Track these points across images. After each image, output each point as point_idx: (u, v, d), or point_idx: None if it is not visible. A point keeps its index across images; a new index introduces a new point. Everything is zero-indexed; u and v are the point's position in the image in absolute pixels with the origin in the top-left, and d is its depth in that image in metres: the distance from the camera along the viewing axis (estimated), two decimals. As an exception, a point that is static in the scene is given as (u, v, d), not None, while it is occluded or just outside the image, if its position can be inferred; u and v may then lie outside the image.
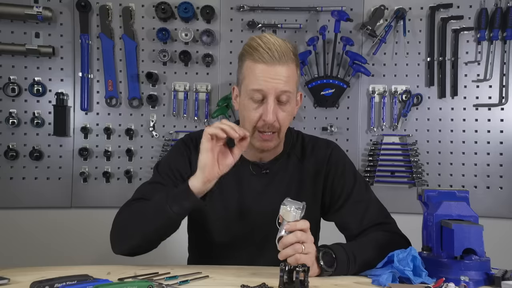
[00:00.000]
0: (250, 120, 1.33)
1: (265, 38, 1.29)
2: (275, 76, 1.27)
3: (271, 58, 1.26)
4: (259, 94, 1.29)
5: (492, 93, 2.46)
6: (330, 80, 2.48)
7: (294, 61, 1.32)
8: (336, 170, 1.47)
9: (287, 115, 1.33)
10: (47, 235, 2.50)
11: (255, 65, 1.29)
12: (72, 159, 2.51)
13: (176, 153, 1.49)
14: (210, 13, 2.50)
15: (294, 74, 1.32)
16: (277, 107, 1.30)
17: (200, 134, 1.50)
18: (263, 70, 1.28)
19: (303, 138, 1.52)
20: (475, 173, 2.46)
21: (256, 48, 1.28)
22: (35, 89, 2.48)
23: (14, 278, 1.13)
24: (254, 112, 1.31)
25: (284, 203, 1.14)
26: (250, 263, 1.34)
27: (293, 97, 1.34)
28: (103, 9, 2.50)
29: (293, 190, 1.45)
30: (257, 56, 1.28)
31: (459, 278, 1.10)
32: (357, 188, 1.45)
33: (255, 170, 1.44)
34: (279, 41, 1.29)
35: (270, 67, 1.27)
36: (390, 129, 2.51)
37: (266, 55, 1.26)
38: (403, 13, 2.45)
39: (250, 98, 1.31)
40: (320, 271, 1.19)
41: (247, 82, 1.31)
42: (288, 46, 1.30)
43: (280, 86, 1.28)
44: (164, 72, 2.54)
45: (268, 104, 1.28)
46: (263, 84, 1.28)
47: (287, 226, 1.14)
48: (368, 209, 1.42)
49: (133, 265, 1.31)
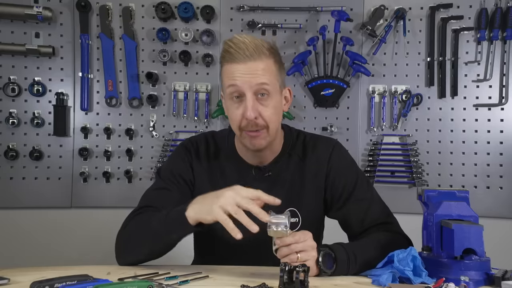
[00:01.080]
0: (234, 121, 1.33)
1: (236, 39, 1.29)
2: (248, 71, 1.27)
3: (243, 56, 1.27)
4: (236, 91, 1.29)
5: (492, 93, 2.46)
6: (330, 80, 2.48)
7: (270, 56, 1.31)
8: (337, 168, 1.46)
9: (272, 110, 1.32)
10: (47, 235, 2.50)
11: (229, 65, 1.29)
12: (72, 159, 2.51)
13: (177, 158, 1.49)
14: (210, 13, 2.50)
15: (270, 68, 1.31)
16: (257, 103, 1.29)
17: (201, 137, 1.52)
18: (236, 68, 1.28)
19: (304, 137, 1.51)
20: (475, 173, 2.46)
21: (227, 50, 1.29)
22: (35, 89, 2.48)
23: (14, 278, 1.13)
24: (236, 112, 1.31)
25: (268, 226, 1.13)
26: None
27: (273, 90, 1.32)
28: (103, 9, 2.50)
29: (295, 190, 1.44)
30: (228, 57, 1.29)
31: (459, 278, 1.10)
32: (359, 186, 1.44)
33: (257, 174, 1.44)
34: (249, 38, 1.29)
35: (242, 64, 1.27)
36: (390, 129, 2.51)
37: (237, 54, 1.27)
38: (403, 13, 2.45)
39: (230, 98, 1.31)
40: (319, 272, 1.19)
41: (224, 83, 1.32)
42: (260, 42, 1.30)
43: (254, 80, 1.27)
44: (164, 72, 2.54)
45: (247, 100, 1.28)
46: (238, 80, 1.27)
47: (277, 241, 1.16)
48: (370, 208, 1.42)
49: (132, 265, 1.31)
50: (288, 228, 1.14)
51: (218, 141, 1.50)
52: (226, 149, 1.48)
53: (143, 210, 1.37)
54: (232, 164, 1.46)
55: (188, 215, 1.19)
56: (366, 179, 1.52)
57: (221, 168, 1.46)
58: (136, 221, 1.35)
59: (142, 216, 1.34)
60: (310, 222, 1.42)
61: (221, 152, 1.48)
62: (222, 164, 1.46)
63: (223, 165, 1.46)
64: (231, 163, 1.46)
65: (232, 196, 1.14)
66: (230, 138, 1.49)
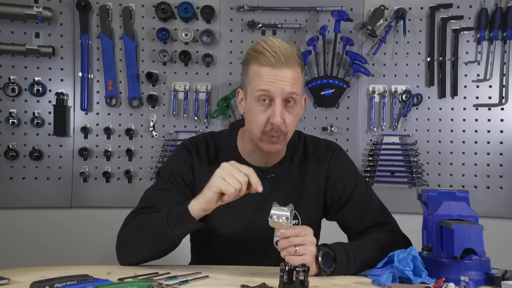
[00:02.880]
0: (257, 124, 1.32)
1: (271, 42, 1.30)
2: (282, 79, 1.28)
3: (277, 61, 1.27)
4: (266, 95, 1.29)
5: (492, 93, 2.46)
6: (330, 80, 2.48)
7: (300, 64, 1.33)
8: (337, 170, 1.47)
9: (293, 118, 1.34)
10: (47, 235, 2.50)
11: (262, 68, 1.29)
12: (72, 159, 2.51)
13: (178, 158, 1.48)
14: (210, 13, 2.50)
15: (299, 77, 1.33)
16: (283, 110, 1.31)
17: (201, 138, 1.52)
18: (269, 73, 1.28)
19: (305, 139, 1.53)
20: (475, 173, 2.46)
21: (261, 52, 1.29)
22: (35, 89, 2.48)
23: (14, 278, 1.13)
24: (261, 115, 1.31)
25: (270, 215, 1.15)
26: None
27: (299, 99, 1.34)
28: (103, 9, 2.50)
29: (296, 193, 1.45)
30: (263, 59, 1.28)
31: (459, 278, 1.10)
32: (358, 188, 1.45)
33: (260, 176, 1.44)
34: (284, 44, 1.30)
35: (276, 70, 1.28)
36: (390, 129, 2.51)
37: (272, 58, 1.27)
38: (403, 13, 2.45)
39: (257, 100, 1.31)
40: (318, 271, 1.19)
41: (254, 85, 1.31)
42: (293, 49, 1.31)
43: (287, 88, 1.28)
44: (164, 72, 2.54)
45: (275, 106, 1.29)
46: (270, 85, 1.28)
47: (278, 233, 1.17)
48: (369, 209, 1.43)
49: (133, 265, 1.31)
50: (289, 221, 1.14)
51: (218, 141, 1.50)
52: (227, 150, 1.48)
53: (143, 210, 1.37)
54: None
55: (191, 209, 1.21)
56: (365, 181, 1.54)
57: None
58: (136, 220, 1.35)
59: (143, 216, 1.35)
60: (309, 224, 1.42)
61: (221, 152, 1.48)
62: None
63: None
64: None
65: (225, 168, 1.19)
66: (231, 139, 1.49)
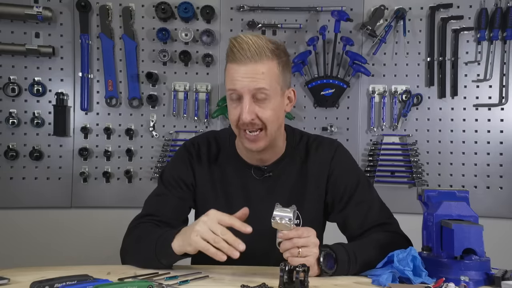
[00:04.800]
0: (232, 120, 1.34)
1: (239, 38, 1.28)
2: (247, 75, 1.27)
3: (243, 57, 1.26)
4: (234, 93, 1.29)
5: (492, 93, 2.46)
6: (330, 80, 2.48)
7: (272, 58, 1.29)
8: (339, 170, 1.46)
9: (271, 112, 1.30)
10: (47, 235, 2.50)
11: (230, 65, 1.30)
12: (72, 159, 2.51)
13: (179, 161, 1.49)
14: (210, 13, 2.50)
15: (271, 71, 1.29)
16: (254, 105, 1.28)
17: (203, 138, 1.52)
18: (236, 70, 1.28)
19: (307, 138, 1.51)
20: (475, 173, 2.46)
21: (231, 49, 1.29)
22: (35, 89, 2.48)
23: (14, 278, 1.13)
24: (234, 112, 1.32)
25: (273, 217, 1.15)
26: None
27: (273, 93, 1.30)
28: (103, 9, 2.50)
29: (296, 192, 1.44)
30: (231, 57, 1.29)
31: (459, 278, 1.10)
32: (360, 188, 1.44)
33: (257, 175, 1.44)
34: (254, 39, 1.28)
35: (242, 66, 1.27)
36: (390, 129, 2.51)
37: (238, 54, 1.26)
38: (403, 13, 2.45)
39: (230, 98, 1.32)
40: (320, 272, 1.19)
41: (226, 83, 1.33)
42: (264, 44, 1.28)
43: (252, 84, 1.26)
44: (164, 72, 2.54)
45: (243, 102, 1.28)
46: (236, 84, 1.27)
47: (280, 235, 1.16)
48: (370, 210, 1.41)
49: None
50: (292, 222, 1.14)
51: (219, 141, 1.50)
52: (227, 150, 1.48)
53: (145, 219, 1.40)
54: (232, 165, 1.46)
55: (173, 247, 1.21)
56: (368, 181, 1.52)
57: (221, 169, 1.46)
58: (138, 231, 1.36)
59: (143, 228, 1.36)
60: (311, 224, 1.41)
61: (222, 152, 1.48)
62: (222, 165, 1.46)
63: (223, 166, 1.46)
64: (232, 164, 1.46)
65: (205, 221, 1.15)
66: (231, 138, 1.48)
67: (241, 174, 1.44)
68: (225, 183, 1.45)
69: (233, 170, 1.45)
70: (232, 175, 1.45)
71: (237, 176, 1.44)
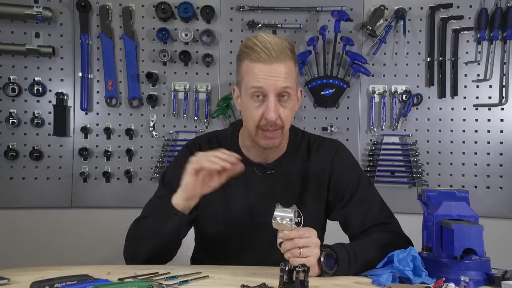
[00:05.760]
0: (252, 119, 1.34)
1: (261, 38, 1.30)
2: (274, 74, 1.29)
3: (269, 57, 1.28)
4: (260, 92, 1.30)
5: (492, 93, 2.46)
6: (330, 80, 2.48)
7: (292, 58, 1.33)
8: (340, 169, 1.47)
9: (289, 112, 1.34)
10: (47, 235, 2.50)
11: (253, 64, 1.30)
12: (72, 159, 2.51)
13: (180, 162, 1.49)
14: (210, 13, 2.50)
15: (292, 71, 1.33)
16: (278, 104, 1.31)
17: (203, 137, 1.54)
18: (261, 68, 1.29)
19: (309, 137, 1.53)
20: (475, 173, 2.46)
21: (252, 47, 1.29)
22: (35, 89, 2.48)
23: (14, 278, 1.13)
24: (256, 111, 1.32)
25: (274, 217, 1.15)
26: (258, 264, 1.33)
27: (293, 93, 1.35)
28: (103, 9, 2.50)
29: (298, 190, 1.45)
30: (254, 55, 1.29)
31: (459, 278, 1.10)
32: (361, 187, 1.45)
33: (260, 172, 1.45)
34: (275, 39, 1.31)
35: (268, 65, 1.29)
36: (390, 129, 2.51)
37: (263, 54, 1.28)
38: (403, 13, 2.45)
39: (252, 97, 1.32)
40: (321, 272, 1.19)
41: (247, 81, 1.32)
42: (285, 43, 1.32)
43: (279, 83, 1.29)
44: (164, 72, 2.54)
45: (269, 102, 1.30)
46: (262, 82, 1.29)
47: (281, 235, 1.17)
48: (371, 209, 1.42)
49: (133, 265, 1.31)
50: (293, 222, 1.14)
51: (221, 139, 1.51)
52: (229, 147, 1.48)
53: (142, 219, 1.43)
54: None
55: (174, 202, 1.29)
56: (369, 180, 1.53)
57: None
58: (138, 226, 1.41)
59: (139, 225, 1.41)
60: (312, 223, 1.42)
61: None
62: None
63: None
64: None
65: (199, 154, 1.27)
66: (233, 136, 1.50)
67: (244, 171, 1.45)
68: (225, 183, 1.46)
69: None
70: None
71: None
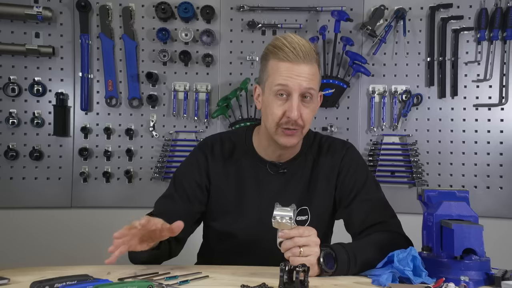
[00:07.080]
0: (274, 117, 1.36)
1: (290, 38, 1.33)
2: (300, 74, 1.32)
3: (296, 57, 1.31)
4: (284, 90, 1.33)
5: (492, 93, 2.46)
6: (330, 80, 2.48)
7: (317, 61, 1.36)
8: (348, 168, 1.50)
9: (310, 113, 1.37)
10: (47, 235, 2.50)
11: (280, 63, 1.33)
12: (72, 159, 2.51)
13: (192, 162, 1.52)
14: (210, 13, 2.50)
15: (316, 73, 1.36)
16: (300, 104, 1.34)
17: (215, 137, 1.56)
18: (288, 68, 1.32)
19: (320, 138, 1.56)
20: (475, 173, 2.46)
21: (281, 47, 1.32)
22: (35, 89, 2.48)
23: (14, 278, 1.13)
24: (278, 109, 1.34)
25: (274, 216, 1.15)
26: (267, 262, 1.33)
27: (316, 95, 1.38)
28: (103, 9, 2.50)
29: (308, 188, 1.48)
30: (282, 55, 1.32)
31: (459, 278, 1.10)
32: (366, 187, 1.48)
33: (272, 170, 1.48)
34: (303, 40, 1.34)
35: (295, 65, 1.31)
36: (390, 129, 2.51)
37: (291, 54, 1.31)
38: (403, 13, 2.45)
39: (275, 95, 1.34)
40: (320, 272, 1.19)
41: (272, 79, 1.35)
42: (311, 46, 1.35)
43: (304, 84, 1.32)
44: (164, 72, 2.54)
45: (293, 100, 1.32)
46: (288, 80, 1.31)
47: (281, 234, 1.17)
48: (374, 208, 1.44)
49: (133, 265, 1.31)
50: (292, 221, 1.15)
51: (234, 139, 1.54)
52: (243, 146, 1.52)
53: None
54: (248, 160, 1.49)
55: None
56: (375, 181, 1.57)
57: (237, 164, 1.50)
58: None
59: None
60: (319, 222, 1.46)
61: (237, 148, 1.52)
62: (238, 160, 1.50)
63: (239, 161, 1.50)
64: (247, 159, 1.50)
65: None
66: (247, 136, 1.52)
67: (256, 169, 1.48)
68: (240, 176, 1.49)
69: (249, 165, 1.49)
70: (248, 169, 1.49)
71: (252, 171, 1.48)
